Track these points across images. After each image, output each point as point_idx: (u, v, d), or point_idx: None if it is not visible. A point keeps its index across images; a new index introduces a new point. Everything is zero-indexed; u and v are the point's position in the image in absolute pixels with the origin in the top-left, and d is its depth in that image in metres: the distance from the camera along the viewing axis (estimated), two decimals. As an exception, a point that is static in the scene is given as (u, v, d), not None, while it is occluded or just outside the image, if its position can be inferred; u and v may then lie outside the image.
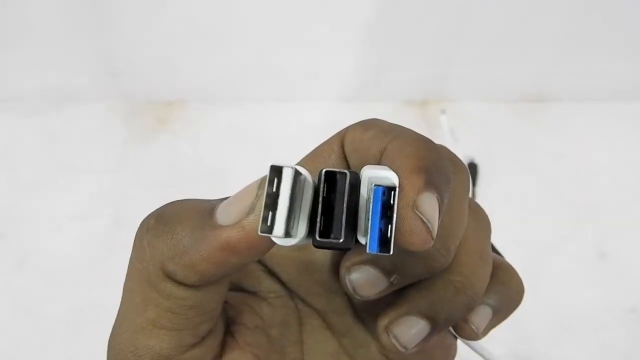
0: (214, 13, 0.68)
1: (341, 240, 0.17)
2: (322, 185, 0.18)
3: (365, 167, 0.19)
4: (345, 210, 0.18)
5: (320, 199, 0.18)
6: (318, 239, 0.18)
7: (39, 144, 0.72)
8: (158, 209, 0.20)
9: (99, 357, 0.22)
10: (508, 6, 0.67)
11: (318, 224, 0.18)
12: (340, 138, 0.22)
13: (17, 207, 0.68)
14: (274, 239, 0.18)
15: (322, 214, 0.18)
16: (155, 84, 0.75)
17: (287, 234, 0.17)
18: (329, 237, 0.18)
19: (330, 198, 0.18)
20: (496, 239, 0.56)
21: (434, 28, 0.70)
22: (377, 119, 0.22)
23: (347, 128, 0.22)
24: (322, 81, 0.74)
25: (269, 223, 0.17)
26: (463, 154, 0.69)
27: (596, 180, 0.69)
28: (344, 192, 0.18)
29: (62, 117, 0.73)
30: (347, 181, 0.18)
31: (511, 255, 0.59)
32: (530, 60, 0.72)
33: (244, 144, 0.72)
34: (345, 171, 0.18)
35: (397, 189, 0.17)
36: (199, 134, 0.73)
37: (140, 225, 0.20)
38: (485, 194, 0.67)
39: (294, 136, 0.70)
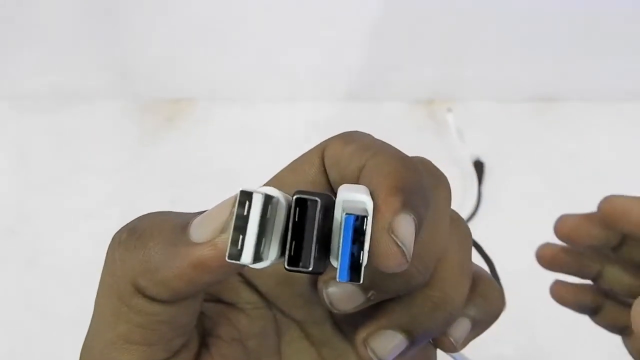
0: (223, 12, 0.69)
1: (310, 269, 0.17)
2: (292, 210, 0.17)
3: (342, 187, 0.19)
4: (315, 238, 0.17)
5: (291, 224, 0.17)
6: (286, 266, 0.17)
7: (50, 142, 0.73)
8: (131, 221, 0.20)
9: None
10: (517, 5, 0.67)
11: (287, 250, 0.17)
12: (321, 151, 0.21)
13: (28, 205, 0.69)
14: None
15: (292, 240, 0.17)
16: (165, 82, 0.75)
17: (257, 259, 0.17)
18: (297, 265, 0.17)
19: (302, 223, 0.17)
20: (505, 238, 0.55)
21: (442, 27, 0.69)
22: (358, 132, 0.22)
23: (327, 140, 0.22)
24: (330, 80, 0.74)
25: (238, 247, 0.17)
26: (470, 153, 0.69)
27: (605, 180, 0.68)
28: (314, 219, 0.17)
29: (72, 116, 0.74)
30: (318, 209, 0.17)
31: (519, 255, 0.59)
32: (539, 59, 0.71)
33: (252, 143, 0.72)
34: (316, 198, 0.17)
35: (369, 217, 0.17)
36: (208, 133, 0.73)
37: (113, 238, 0.20)
38: (493, 194, 0.67)
39: (301, 135, 0.70)
